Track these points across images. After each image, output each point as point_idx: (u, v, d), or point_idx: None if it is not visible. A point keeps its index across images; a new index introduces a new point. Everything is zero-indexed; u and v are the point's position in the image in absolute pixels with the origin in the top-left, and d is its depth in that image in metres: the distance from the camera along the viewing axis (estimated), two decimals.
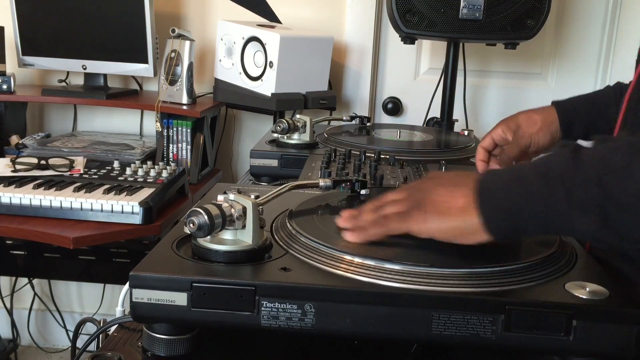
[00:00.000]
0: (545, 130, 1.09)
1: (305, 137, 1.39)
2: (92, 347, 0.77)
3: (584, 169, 0.60)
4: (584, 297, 0.61)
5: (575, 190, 0.59)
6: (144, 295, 0.63)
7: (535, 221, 0.62)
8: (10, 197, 1.57)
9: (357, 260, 0.66)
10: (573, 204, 0.59)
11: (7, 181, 1.65)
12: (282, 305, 0.62)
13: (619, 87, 1.10)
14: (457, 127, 1.90)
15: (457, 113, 2.02)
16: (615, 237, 0.59)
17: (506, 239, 0.67)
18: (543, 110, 1.11)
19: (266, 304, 0.62)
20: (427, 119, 2.15)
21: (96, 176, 1.72)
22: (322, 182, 0.90)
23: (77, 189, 1.61)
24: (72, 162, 1.78)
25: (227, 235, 0.69)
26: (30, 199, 1.57)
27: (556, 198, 0.60)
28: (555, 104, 1.12)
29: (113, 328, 0.75)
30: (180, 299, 0.62)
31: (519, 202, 0.62)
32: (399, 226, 0.70)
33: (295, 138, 1.39)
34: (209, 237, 0.68)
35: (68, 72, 2.28)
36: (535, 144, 1.09)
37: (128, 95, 2.19)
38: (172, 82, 2.03)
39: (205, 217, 0.65)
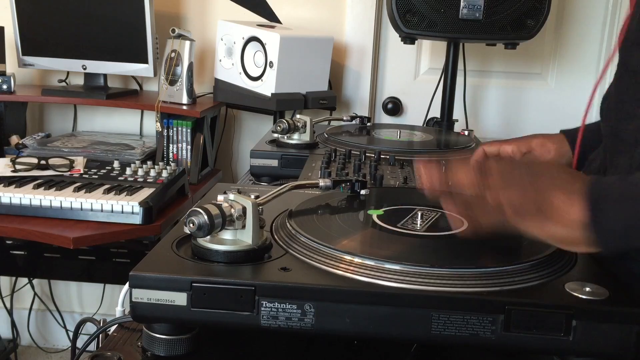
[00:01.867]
0: (558, 161, 1.07)
1: (306, 137, 1.39)
2: (92, 347, 0.77)
3: None
4: (584, 297, 0.61)
5: None
6: (143, 295, 0.63)
7: None
8: (10, 197, 1.57)
9: (357, 260, 0.66)
10: None
11: (7, 181, 1.65)
12: (281, 305, 0.62)
13: None
14: (457, 127, 1.90)
15: (457, 113, 2.02)
16: None
17: (615, 252, 0.66)
18: (555, 140, 1.09)
19: (266, 304, 0.62)
20: (427, 119, 2.15)
21: (96, 176, 1.72)
22: (322, 182, 0.90)
23: (77, 189, 1.61)
24: (72, 162, 1.78)
25: (227, 235, 0.69)
26: (30, 199, 1.57)
27: None
28: (566, 134, 1.11)
29: (113, 328, 0.75)
30: (180, 299, 0.62)
31: (634, 224, 0.62)
32: (512, 220, 0.67)
33: (296, 138, 1.39)
34: (208, 237, 0.68)
35: (68, 72, 2.28)
36: None
37: (128, 95, 2.19)
38: (172, 82, 2.03)
39: (205, 217, 0.65)
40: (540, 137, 1.11)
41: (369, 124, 1.66)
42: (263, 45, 1.88)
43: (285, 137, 1.38)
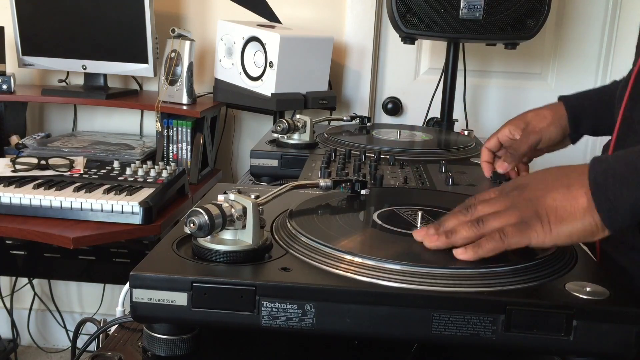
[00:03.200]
0: (557, 124, 1.07)
1: (305, 137, 1.39)
2: (92, 347, 0.77)
3: None
4: (584, 297, 0.61)
5: None
6: (144, 295, 0.63)
7: None
8: (10, 197, 1.57)
9: (357, 260, 0.66)
10: None
11: (7, 181, 1.65)
12: (282, 305, 0.62)
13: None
14: (457, 127, 1.90)
15: (457, 113, 2.02)
16: None
17: (629, 228, 0.66)
18: (551, 106, 1.10)
19: (266, 304, 0.62)
20: (427, 119, 2.15)
21: (96, 176, 1.72)
22: (322, 182, 0.90)
23: (77, 189, 1.61)
24: (72, 162, 1.78)
25: (227, 235, 0.69)
26: (30, 199, 1.57)
27: None
28: (563, 98, 1.11)
29: (113, 328, 0.75)
30: (180, 299, 0.62)
31: (637, 200, 0.62)
32: (521, 240, 0.65)
33: (295, 138, 1.38)
34: (209, 237, 0.68)
35: (68, 72, 2.28)
36: (546, 139, 1.08)
37: (128, 95, 2.19)
38: (172, 82, 2.03)
39: (206, 217, 0.65)
40: (534, 110, 1.11)
41: (369, 124, 1.66)
42: (263, 45, 1.88)
43: (285, 137, 1.38)
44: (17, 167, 1.73)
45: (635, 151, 0.65)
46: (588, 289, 0.63)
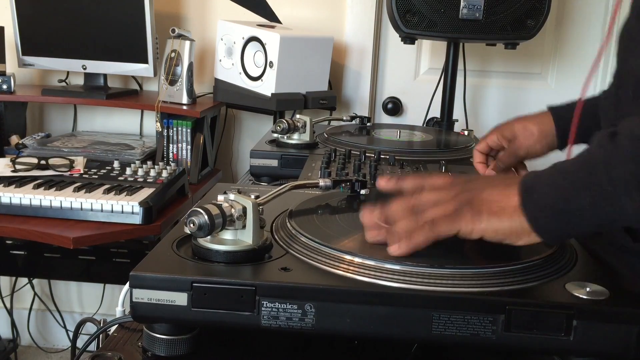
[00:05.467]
0: (542, 142, 1.09)
1: (305, 137, 1.39)
2: (92, 347, 0.77)
3: (622, 148, 0.59)
4: (584, 297, 0.61)
5: (614, 170, 0.58)
6: (144, 295, 0.63)
7: (585, 215, 0.61)
8: (10, 197, 1.57)
9: (357, 260, 0.66)
10: (616, 186, 0.58)
11: (7, 181, 1.65)
12: (282, 305, 0.62)
13: None
14: (457, 127, 1.90)
15: (457, 113, 2.02)
16: None
17: (558, 239, 0.66)
18: (539, 120, 1.10)
19: (266, 304, 0.62)
20: (427, 119, 2.15)
21: (96, 176, 1.72)
22: (322, 182, 0.90)
23: (77, 189, 1.61)
24: (72, 162, 1.78)
25: (227, 235, 0.69)
26: (30, 199, 1.57)
27: (602, 184, 0.59)
28: (552, 110, 1.11)
29: (113, 328, 0.75)
30: (180, 299, 0.62)
31: (565, 196, 0.61)
32: (450, 228, 0.66)
33: (295, 138, 1.39)
34: (209, 237, 0.68)
35: (68, 72, 2.28)
36: (532, 154, 1.11)
37: (128, 95, 2.19)
38: (172, 82, 2.03)
39: (206, 217, 0.65)
40: (523, 121, 1.12)
41: (369, 124, 1.66)
42: (263, 45, 1.88)
43: (285, 137, 1.38)
44: (17, 167, 1.73)
45: (569, 160, 0.66)
46: (588, 289, 0.63)
